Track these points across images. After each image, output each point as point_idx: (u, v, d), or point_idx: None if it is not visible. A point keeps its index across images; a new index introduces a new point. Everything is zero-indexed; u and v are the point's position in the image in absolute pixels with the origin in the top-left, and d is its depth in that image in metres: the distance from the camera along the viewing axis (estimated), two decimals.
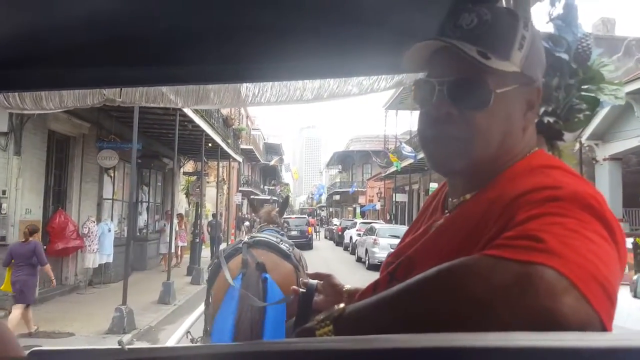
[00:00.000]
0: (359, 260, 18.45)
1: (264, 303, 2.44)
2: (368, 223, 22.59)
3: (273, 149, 53.95)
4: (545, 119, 0.91)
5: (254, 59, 1.34)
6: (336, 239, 28.40)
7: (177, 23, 1.18)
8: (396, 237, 12.77)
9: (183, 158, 17.71)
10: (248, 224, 28.06)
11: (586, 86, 0.95)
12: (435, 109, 0.78)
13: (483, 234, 0.67)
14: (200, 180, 14.20)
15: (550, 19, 0.99)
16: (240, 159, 21.39)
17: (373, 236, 16.82)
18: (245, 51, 1.30)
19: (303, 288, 1.05)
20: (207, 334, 2.88)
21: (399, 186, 27.20)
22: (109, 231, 10.68)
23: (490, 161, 0.78)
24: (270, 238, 3.00)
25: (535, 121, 0.84)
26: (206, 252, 17.77)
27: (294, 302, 1.04)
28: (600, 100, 0.95)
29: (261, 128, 49.18)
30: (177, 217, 13.13)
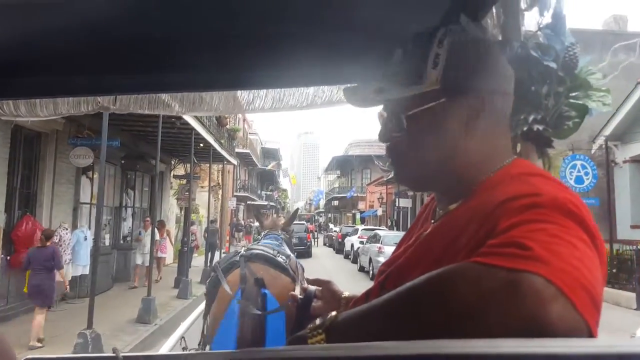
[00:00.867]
0: (362, 269, 17.26)
1: (263, 312, 2.51)
2: (371, 230, 21.46)
3: (270, 154, 53.46)
4: (534, 127, 0.96)
5: (249, 67, 1.39)
6: (336, 246, 27.60)
7: (172, 31, 1.20)
8: None
9: (173, 160, 16.65)
10: (244, 231, 27.12)
11: (574, 93, 0.99)
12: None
13: (465, 241, 0.68)
14: (189, 183, 12.90)
15: (539, 28, 1.03)
16: (235, 162, 20.17)
17: (377, 244, 15.59)
18: (240, 59, 1.35)
19: (302, 294, 1.10)
20: (204, 347, 2.90)
21: (402, 190, 26.01)
22: (85, 239, 9.49)
23: (449, 173, 0.82)
24: (266, 250, 3.02)
25: (503, 129, 0.85)
26: (198, 261, 16.69)
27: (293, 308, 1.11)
28: (588, 107, 0.98)
29: (259, 133, 48.43)
30: (158, 225, 11.72)
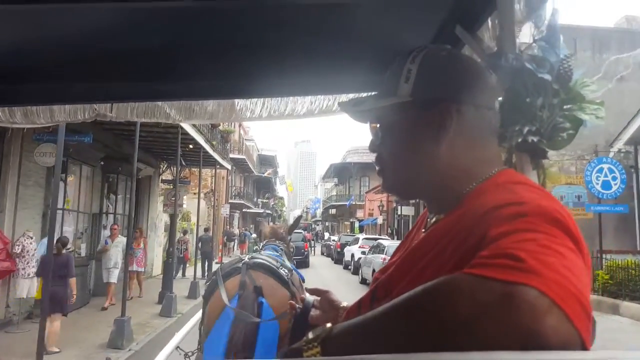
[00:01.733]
0: (364, 282, 16.08)
1: (258, 319, 2.47)
2: (374, 239, 20.18)
3: (267, 161, 52.41)
4: (529, 138, 0.96)
5: (246, 76, 1.42)
6: (334, 256, 26.30)
7: (169, 40, 1.20)
8: None
9: (162, 163, 15.52)
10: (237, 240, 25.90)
11: (568, 106, 0.99)
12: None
13: (453, 250, 0.68)
14: (175, 188, 11.75)
15: (534, 41, 1.05)
16: (228, 166, 19.03)
17: (382, 255, 14.41)
18: (237, 68, 1.38)
19: (300, 305, 1.11)
20: (201, 351, 2.79)
21: None
22: None
23: (431, 183, 0.84)
24: (270, 261, 2.95)
25: (489, 139, 0.86)
26: (189, 272, 15.47)
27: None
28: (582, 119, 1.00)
29: (255, 139, 47.39)
30: (135, 233, 10.50)
